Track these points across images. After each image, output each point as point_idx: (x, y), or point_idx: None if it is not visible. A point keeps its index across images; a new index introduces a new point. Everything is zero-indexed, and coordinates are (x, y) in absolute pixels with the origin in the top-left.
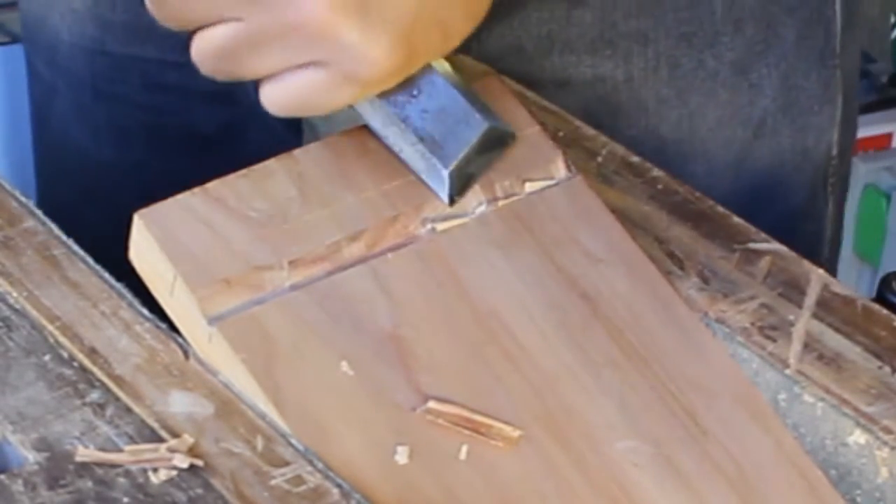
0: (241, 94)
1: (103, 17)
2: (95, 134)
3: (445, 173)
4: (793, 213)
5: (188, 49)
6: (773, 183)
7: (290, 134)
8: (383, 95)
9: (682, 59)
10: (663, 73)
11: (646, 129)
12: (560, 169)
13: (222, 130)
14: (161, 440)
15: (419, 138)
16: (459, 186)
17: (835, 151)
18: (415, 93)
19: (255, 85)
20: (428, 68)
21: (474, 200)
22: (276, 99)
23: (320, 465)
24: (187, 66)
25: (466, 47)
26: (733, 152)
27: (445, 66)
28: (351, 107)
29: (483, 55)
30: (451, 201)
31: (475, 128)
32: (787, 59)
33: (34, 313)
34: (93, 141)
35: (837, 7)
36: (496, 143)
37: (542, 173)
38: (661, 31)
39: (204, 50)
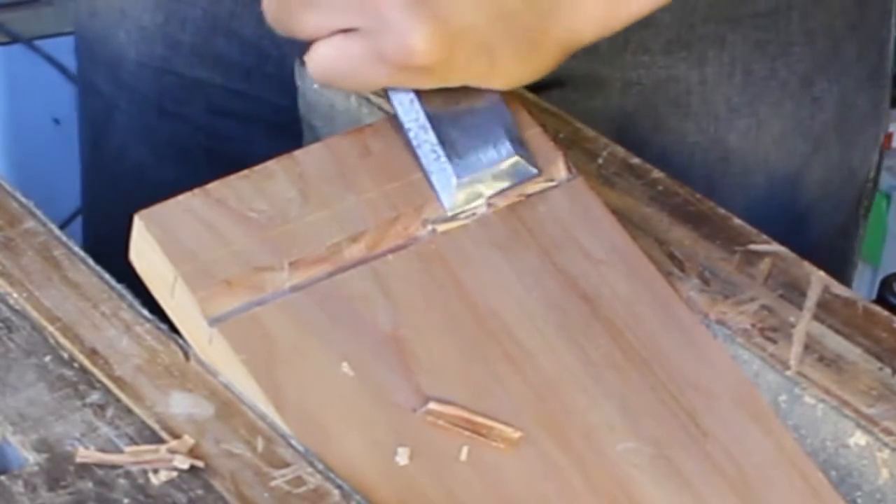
0: (300, 128)
1: (173, 37)
2: (156, 151)
3: (455, 181)
4: (832, 233)
5: (252, 79)
6: (822, 200)
7: None
8: (422, 93)
9: (756, 66)
10: (737, 80)
11: (713, 137)
12: (561, 170)
13: None
14: (161, 441)
15: (441, 142)
16: (464, 200)
17: (871, 174)
18: (455, 101)
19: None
20: (478, 89)
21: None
22: (317, 62)
23: (321, 466)
24: (250, 96)
25: None
26: (793, 166)
27: (496, 95)
28: (385, 91)
29: None
30: (452, 213)
31: (502, 155)
32: (846, 75)
33: (34, 314)
34: (153, 158)
35: (893, 29)
36: (517, 176)
37: (543, 175)
38: (738, 35)
39: None
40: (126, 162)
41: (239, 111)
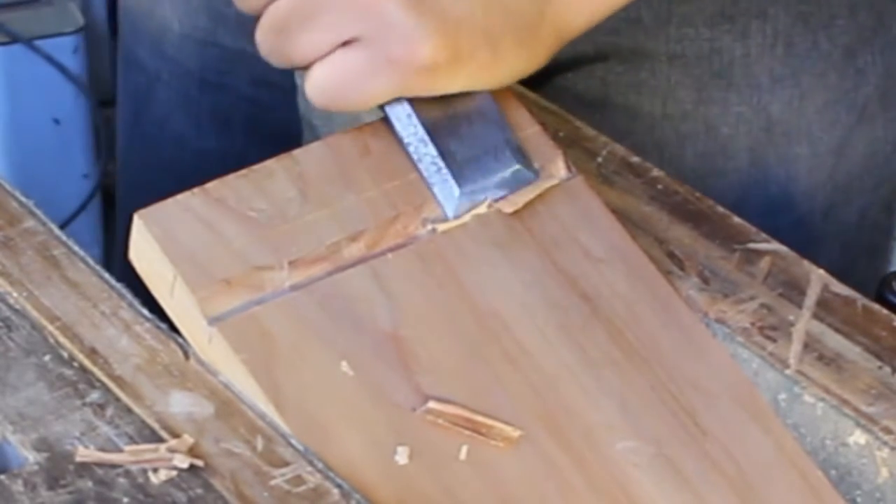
0: None
1: (216, 10)
2: (198, 123)
3: (457, 192)
4: (876, 206)
5: None
6: (865, 172)
7: None
8: (418, 107)
9: (798, 39)
10: (779, 51)
11: (756, 107)
12: (560, 169)
13: None
14: (161, 440)
15: (441, 153)
16: (467, 209)
17: None
18: (451, 113)
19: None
20: (473, 96)
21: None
22: (318, 82)
23: (320, 466)
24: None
25: None
26: (836, 137)
27: (490, 99)
28: (381, 108)
29: (601, 27)
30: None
31: (503, 164)
32: (890, 48)
33: (34, 313)
34: (194, 129)
35: None
36: (518, 182)
37: (543, 173)
38: (780, 7)
39: (263, 27)
40: (167, 133)
41: (281, 81)
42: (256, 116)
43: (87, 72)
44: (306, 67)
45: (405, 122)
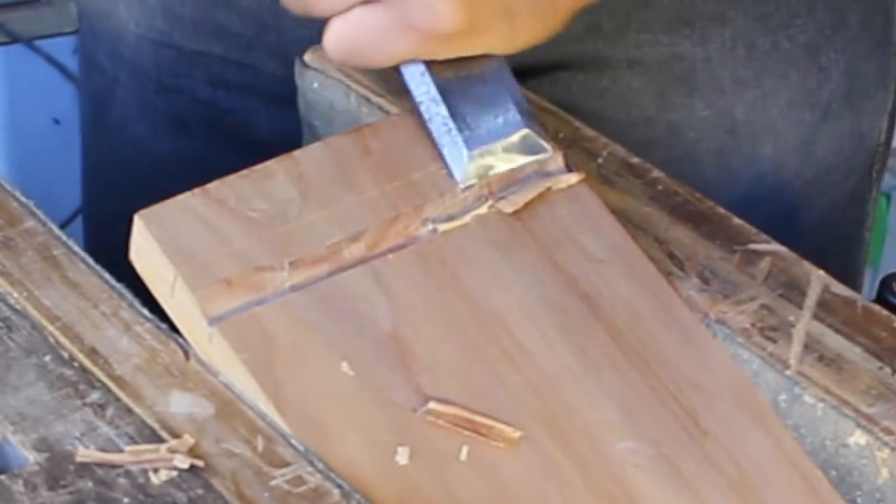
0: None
1: (172, 11)
2: (154, 126)
3: (466, 153)
4: (846, 197)
5: (252, 49)
6: (833, 167)
7: None
8: (432, 67)
9: (758, 40)
10: (740, 54)
11: (720, 110)
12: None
13: (279, 134)
14: (161, 441)
15: (451, 114)
16: (475, 173)
17: (882, 138)
18: (464, 74)
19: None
20: (487, 58)
21: (475, 200)
22: (336, 37)
23: (321, 466)
24: (250, 66)
25: None
26: (801, 135)
27: (503, 63)
28: (396, 67)
29: (562, 35)
30: (464, 185)
31: (512, 127)
32: (853, 44)
33: (34, 314)
34: (151, 132)
35: None
36: (527, 149)
37: (553, 156)
38: (738, 11)
39: None
40: (126, 136)
41: (239, 82)
42: (213, 119)
43: None
44: (325, 20)
45: (418, 80)
